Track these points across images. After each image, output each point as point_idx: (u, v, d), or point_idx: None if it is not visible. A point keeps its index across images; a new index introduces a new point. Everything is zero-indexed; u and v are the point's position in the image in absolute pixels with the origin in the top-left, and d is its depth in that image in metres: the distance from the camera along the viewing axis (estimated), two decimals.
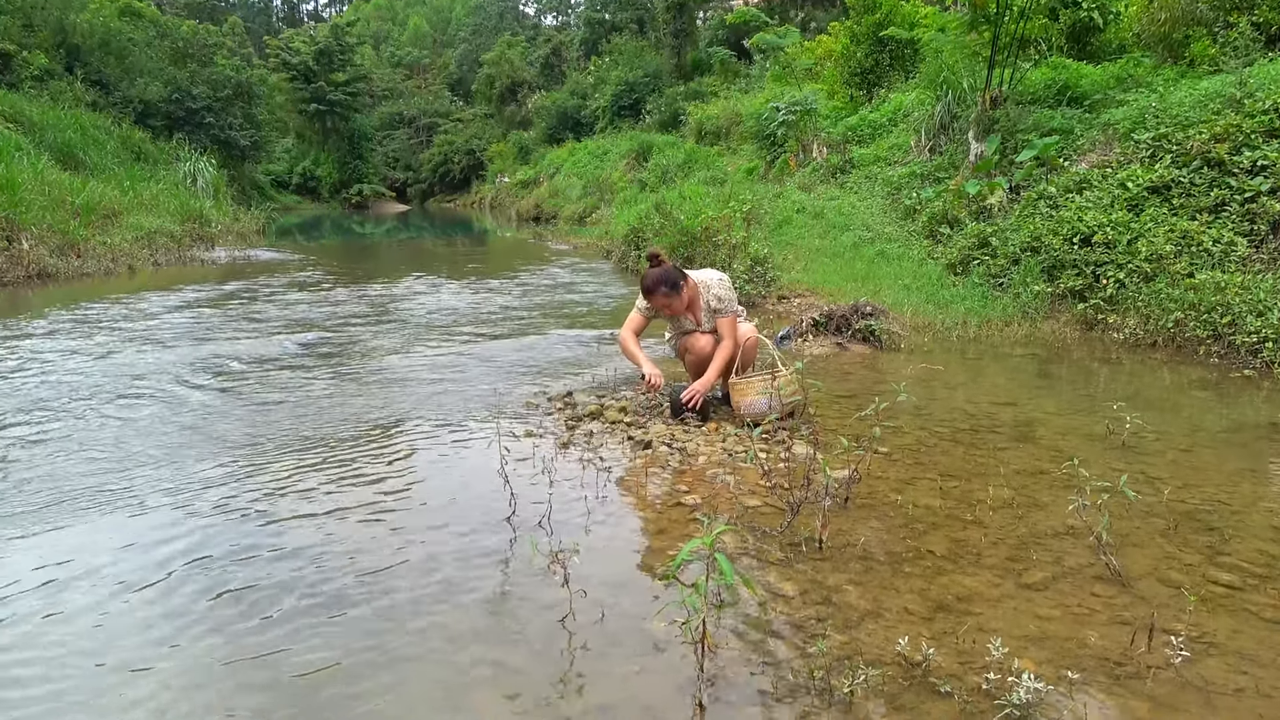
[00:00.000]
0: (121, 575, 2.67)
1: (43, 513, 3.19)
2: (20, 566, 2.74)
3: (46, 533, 3.01)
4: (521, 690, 2.08)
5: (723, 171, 16.63)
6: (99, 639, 2.32)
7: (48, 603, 2.51)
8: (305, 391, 5.09)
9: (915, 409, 4.51)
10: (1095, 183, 7.46)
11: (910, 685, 2.07)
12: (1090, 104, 9.24)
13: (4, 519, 3.13)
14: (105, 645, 2.29)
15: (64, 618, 2.43)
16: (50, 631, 2.36)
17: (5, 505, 3.26)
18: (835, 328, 6.34)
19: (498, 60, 51.93)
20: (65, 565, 2.75)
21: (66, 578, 2.66)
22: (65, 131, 18.74)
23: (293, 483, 3.49)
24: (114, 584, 2.62)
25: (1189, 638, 2.24)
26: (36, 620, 2.41)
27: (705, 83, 30.84)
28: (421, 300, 9.54)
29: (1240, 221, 6.42)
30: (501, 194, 40.05)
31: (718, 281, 4.38)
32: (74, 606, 2.49)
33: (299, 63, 46.23)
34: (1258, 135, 6.73)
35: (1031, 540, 2.90)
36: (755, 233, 9.90)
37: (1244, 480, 3.49)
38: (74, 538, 2.97)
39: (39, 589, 2.59)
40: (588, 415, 4.43)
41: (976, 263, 7.77)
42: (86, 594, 2.55)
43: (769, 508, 3.21)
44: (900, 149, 12.17)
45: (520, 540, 2.91)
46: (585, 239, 17.54)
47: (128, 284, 10.99)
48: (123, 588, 2.59)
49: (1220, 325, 5.66)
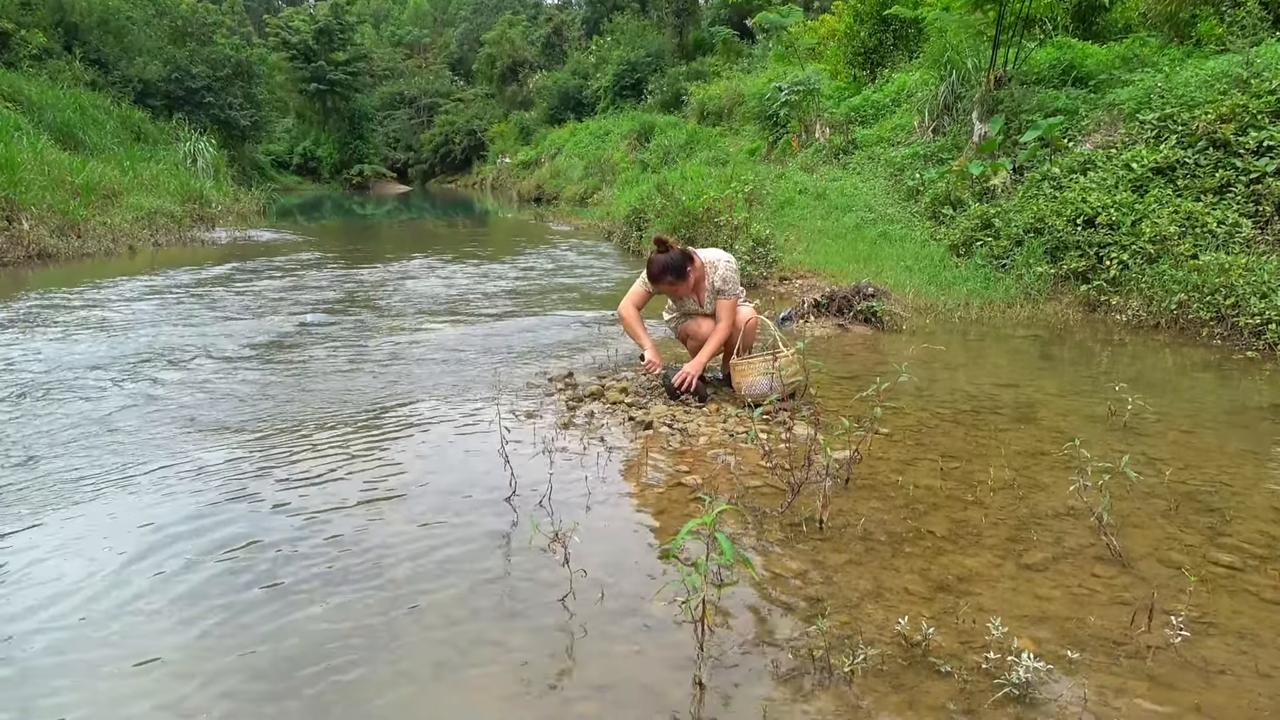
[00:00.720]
0: (119, 553, 2.68)
1: (34, 494, 3.19)
2: (13, 547, 2.75)
3: (41, 514, 3.01)
4: (521, 669, 2.08)
5: (725, 152, 16.56)
6: (98, 617, 2.33)
7: (45, 582, 2.52)
8: (305, 372, 5.09)
9: (917, 390, 4.50)
10: (1099, 163, 7.42)
11: (910, 664, 2.07)
12: (1095, 84, 9.18)
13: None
14: (105, 623, 2.30)
15: (61, 597, 2.43)
16: (49, 611, 2.37)
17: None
18: (837, 309, 6.33)
19: (499, 39, 51.54)
20: (64, 547, 2.75)
21: (68, 558, 2.67)
22: (64, 111, 18.64)
23: (291, 462, 3.49)
24: (114, 563, 2.62)
25: (1189, 618, 2.24)
26: (38, 598, 2.42)
27: (707, 62, 30.66)
28: (422, 281, 9.52)
29: (1245, 203, 6.39)
30: (503, 175, 39.87)
31: (724, 263, 4.36)
32: (73, 587, 2.49)
33: (299, 42, 45.97)
34: (1264, 116, 6.67)
35: (1032, 521, 2.89)
36: (757, 214, 9.87)
37: (1245, 461, 3.49)
38: (68, 519, 2.97)
39: (33, 570, 2.60)
40: (588, 396, 4.42)
41: (979, 244, 7.74)
42: (84, 575, 2.56)
43: (770, 488, 3.21)
44: (903, 129, 12.11)
45: (521, 520, 2.91)
46: (587, 220, 17.48)
47: (129, 264, 10.97)
48: (120, 566, 2.60)
49: (1224, 307, 5.64)
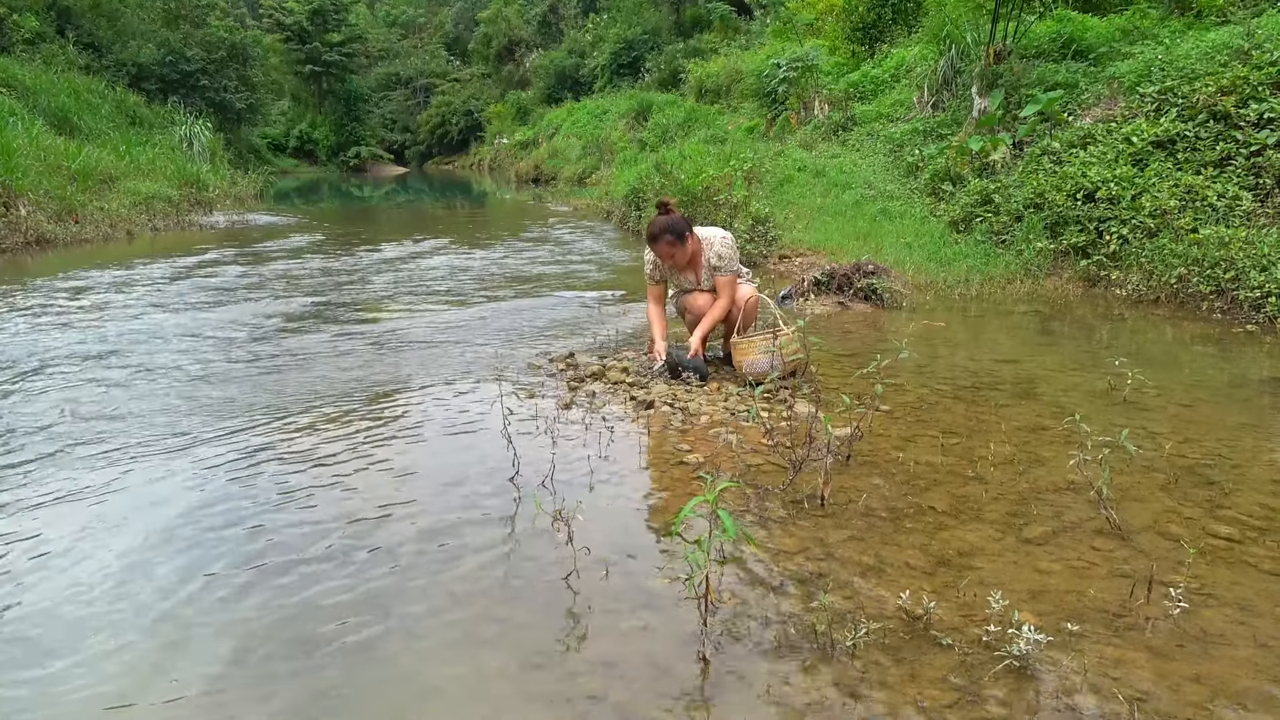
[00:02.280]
0: (121, 536, 2.70)
1: (31, 473, 3.21)
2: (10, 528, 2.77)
3: (36, 494, 3.03)
4: (526, 646, 2.10)
5: (723, 130, 16.47)
6: (101, 594, 2.35)
7: (42, 564, 2.54)
8: (306, 354, 5.09)
9: (917, 367, 4.51)
10: (1099, 137, 7.38)
11: (911, 638, 2.09)
12: (1095, 57, 9.11)
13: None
14: (105, 601, 2.32)
15: (59, 576, 2.46)
16: (48, 587, 2.39)
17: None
18: (837, 286, 6.33)
19: (494, 19, 51.13)
20: (59, 527, 2.77)
21: (60, 539, 2.69)
22: (59, 96, 18.52)
23: (295, 444, 3.50)
24: (115, 546, 2.64)
25: (1188, 590, 2.26)
26: (35, 575, 2.44)
27: (705, 39, 30.41)
28: (422, 263, 9.51)
29: (1245, 176, 6.36)
30: (500, 155, 39.66)
31: (720, 240, 4.36)
32: (70, 567, 2.52)
33: (293, 23, 45.64)
34: (1265, 88, 6.63)
35: (1032, 495, 2.91)
36: (756, 192, 9.84)
37: (1245, 435, 3.50)
38: (69, 501, 2.99)
39: (26, 546, 2.62)
40: (590, 376, 4.43)
41: (979, 220, 7.72)
42: (80, 557, 2.58)
43: (771, 466, 3.22)
44: (903, 105, 12.04)
45: (524, 500, 2.92)
46: (585, 200, 17.41)
47: (127, 249, 10.95)
48: (122, 549, 2.62)
49: (1223, 280, 5.64)
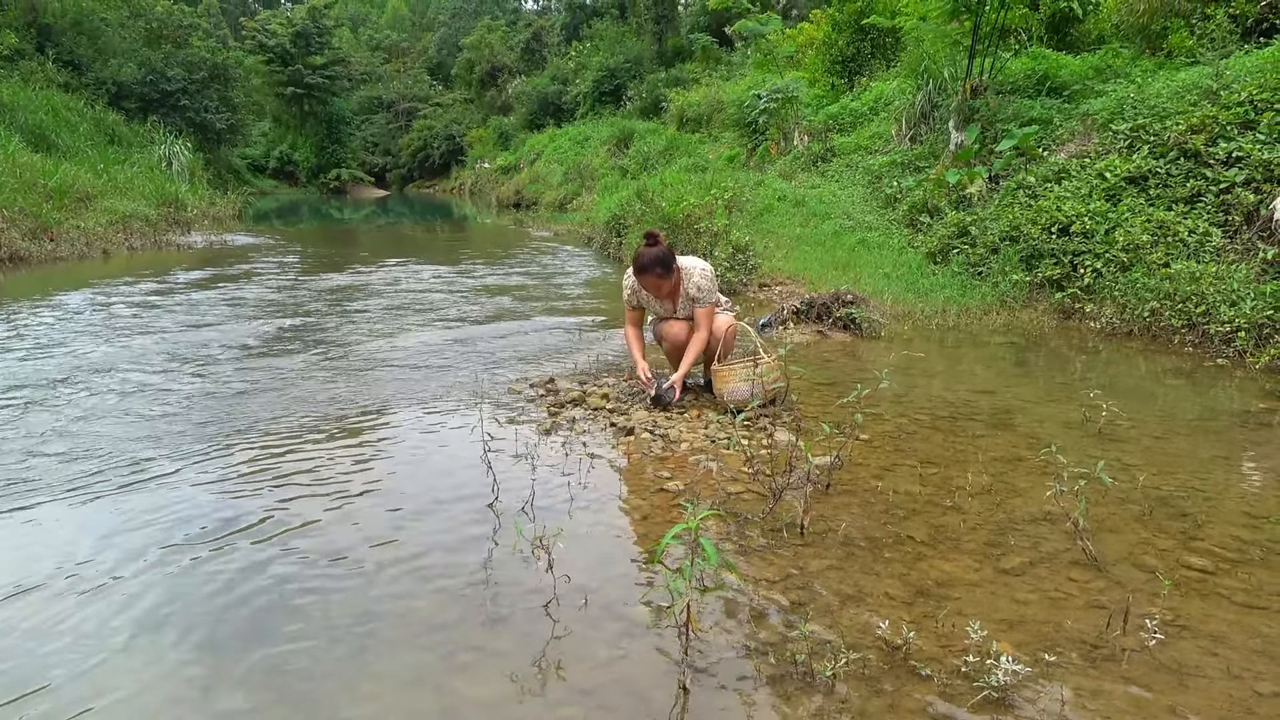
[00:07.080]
0: (94, 562, 2.65)
1: (6, 498, 3.15)
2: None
3: (13, 516, 2.97)
4: (504, 674, 2.08)
5: (704, 159, 16.64)
6: (74, 623, 2.30)
7: (19, 590, 2.49)
8: (284, 378, 5.05)
9: (895, 396, 4.55)
10: (1074, 172, 7.52)
11: (891, 668, 2.09)
12: (1069, 94, 9.30)
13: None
14: (78, 631, 2.27)
15: (38, 604, 2.41)
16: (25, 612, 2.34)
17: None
18: (816, 315, 6.37)
19: (478, 44, 51.45)
20: (37, 551, 2.72)
21: (41, 564, 2.63)
22: (37, 113, 18.39)
23: (272, 469, 3.46)
24: (89, 572, 2.59)
25: (1163, 621, 2.28)
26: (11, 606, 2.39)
27: (687, 69, 30.77)
28: (401, 286, 9.48)
29: (1215, 212, 6.50)
30: (482, 180, 39.77)
31: (700, 271, 4.38)
32: (48, 593, 2.46)
33: (276, 45, 45.62)
34: (1233, 127, 6.80)
35: (1009, 526, 2.93)
36: (737, 220, 9.93)
37: (1217, 467, 3.55)
38: (43, 525, 2.94)
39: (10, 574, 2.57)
40: (570, 401, 4.43)
41: (956, 251, 7.82)
42: (59, 581, 2.53)
43: (751, 493, 3.22)
44: (881, 137, 12.21)
45: (503, 526, 2.90)
46: (566, 225, 17.48)
47: (102, 268, 10.83)
48: (95, 575, 2.57)
49: (1195, 315, 5.74)
